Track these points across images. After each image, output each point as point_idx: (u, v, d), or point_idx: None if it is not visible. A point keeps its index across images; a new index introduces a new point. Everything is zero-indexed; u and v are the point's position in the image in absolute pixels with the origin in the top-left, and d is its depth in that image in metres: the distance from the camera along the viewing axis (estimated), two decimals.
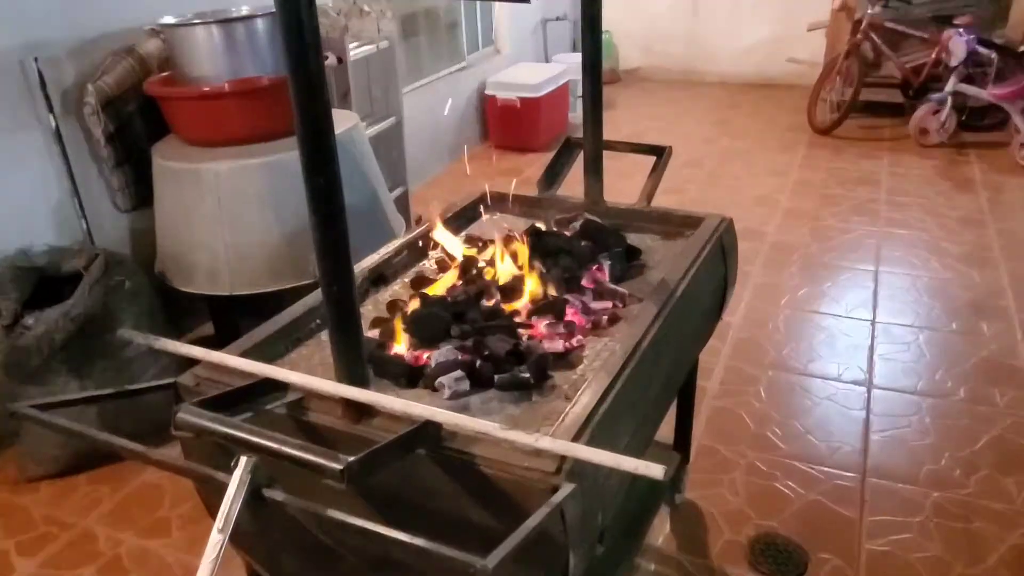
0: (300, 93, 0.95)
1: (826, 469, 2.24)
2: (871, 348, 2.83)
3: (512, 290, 1.47)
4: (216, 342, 2.86)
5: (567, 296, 1.47)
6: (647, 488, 1.93)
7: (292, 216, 2.50)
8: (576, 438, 1.07)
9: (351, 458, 0.89)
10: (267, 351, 1.37)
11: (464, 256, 1.63)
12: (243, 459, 0.90)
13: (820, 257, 3.56)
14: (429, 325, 1.35)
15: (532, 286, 1.48)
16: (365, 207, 2.72)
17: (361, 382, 1.11)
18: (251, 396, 1.14)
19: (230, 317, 2.80)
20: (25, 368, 2.21)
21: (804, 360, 2.77)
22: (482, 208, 1.99)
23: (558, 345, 1.35)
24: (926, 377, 2.65)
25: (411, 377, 1.28)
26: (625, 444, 1.22)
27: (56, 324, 2.22)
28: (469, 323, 1.37)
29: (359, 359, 1.10)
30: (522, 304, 1.45)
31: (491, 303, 1.45)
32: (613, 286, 1.53)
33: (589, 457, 0.94)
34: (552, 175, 1.98)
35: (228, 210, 2.48)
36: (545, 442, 0.97)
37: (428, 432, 1.05)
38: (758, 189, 4.41)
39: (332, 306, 1.06)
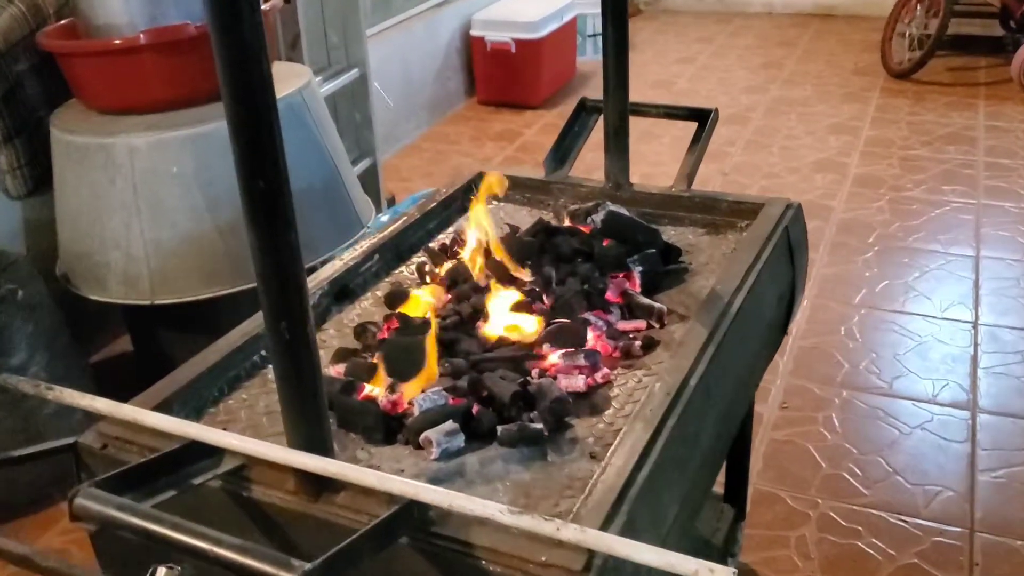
0: (228, 61, 0.87)
1: (922, 522, 2.18)
2: (974, 359, 2.77)
3: (516, 309, 1.39)
4: (136, 361, 2.82)
5: (588, 315, 1.40)
6: (690, 551, 1.88)
7: (229, 203, 2.42)
8: (610, 519, 1.00)
9: (308, 565, 0.82)
10: (196, 396, 1.30)
11: (453, 264, 1.55)
12: (161, 571, 0.83)
13: (903, 240, 3.50)
14: (411, 358, 1.28)
15: (541, 304, 1.41)
16: (322, 188, 2.65)
17: (320, 447, 1.04)
18: (175, 465, 1.07)
19: (152, 330, 2.73)
20: None
21: (888, 376, 2.71)
22: (474, 196, 1.91)
23: (578, 382, 1.28)
24: None
25: (387, 430, 1.21)
26: (673, 518, 1.15)
27: None
28: (462, 355, 1.30)
29: (317, 418, 1.03)
30: (529, 327, 1.38)
31: (490, 327, 1.38)
32: (647, 300, 1.45)
33: (630, 555, 0.87)
34: (563, 150, 1.91)
35: (147, 196, 2.40)
36: (570, 532, 0.90)
37: (412, 516, 0.98)
38: (819, 151, 4.34)
39: (280, 351, 0.98)
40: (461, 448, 1.18)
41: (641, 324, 1.43)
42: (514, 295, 1.44)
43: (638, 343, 1.36)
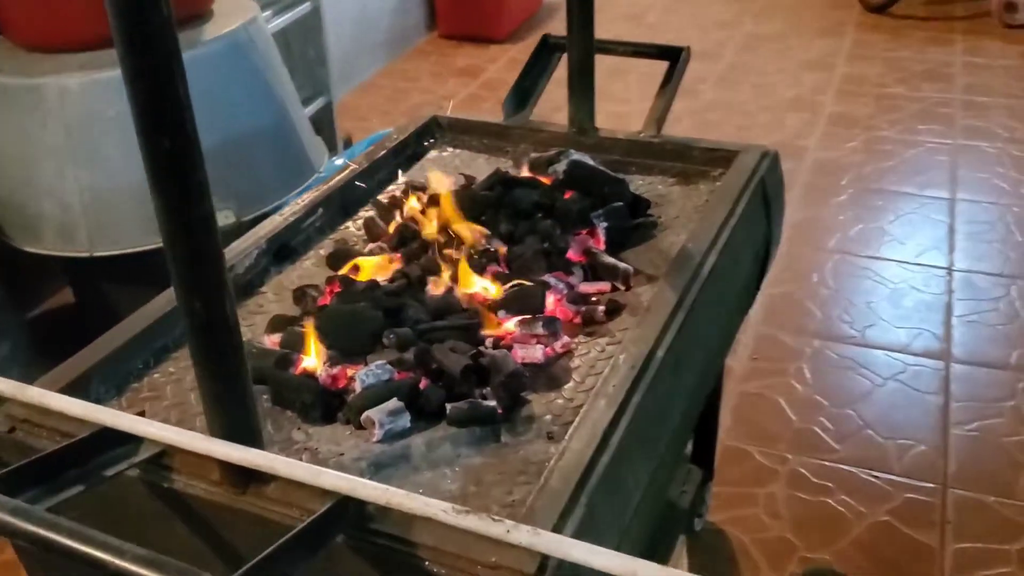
0: None
1: (894, 478, 2.13)
2: (948, 307, 2.71)
3: (468, 271, 1.29)
4: (79, 315, 2.69)
5: (547, 277, 1.30)
6: (657, 510, 1.81)
7: None
8: (567, 512, 0.91)
9: None
10: (118, 371, 1.19)
11: (402, 220, 1.44)
12: None
13: (877, 181, 3.42)
14: (352, 328, 1.17)
15: (496, 265, 1.31)
16: (270, 132, 2.50)
17: (246, 435, 0.94)
18: (87, 454, 0.97)
19: (95, 283, 2.60)
20: None
21: (860, 325, 2.65)
22: (428, 141, 1.79)
23: (536, 353, 1.18)
24: (1022, 346, 2.53)
25: (327, 407, 1.11)
26: (637, 503, 1.06)
27: None
28: (409, 323, 1.20)
29: (241, 405, 0.92)
30: (482, 291, 1.28)
31: (440, 291, 1.28)
32: (611, 259, 1.35)
33: (589, 560, 0.78)
34: (523, 91, 1.79)
35: (81, 141, 2.25)
36: (522, 535, 0.81)
37: (348, 512, 0.89)
38: (793, 88, 4.23)
39: (196, 333, 0.87)
40: (407, 428, 1.08)
41: (605, 286, 1.33)
42: (467, 255, 1.33)
43: (601, 308, 1.27)
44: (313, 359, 1.16)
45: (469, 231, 1.35)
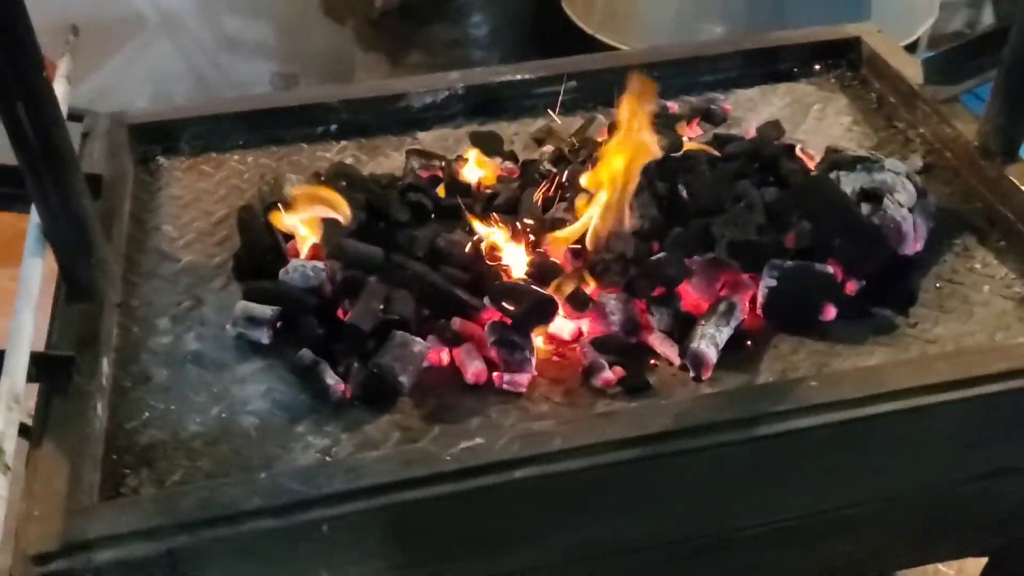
0: None
1: None
2: None
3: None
4: None
5: (608, 296, 0.94)
6: None
7: None
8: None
9: None
10: (209, 133, 1.21)
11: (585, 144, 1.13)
12: None
13: None
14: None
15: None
16: None
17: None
18: None
19: None
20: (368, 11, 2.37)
21: None
22: (823, 64, 1.34)
23: (469, 368, 0.90)
24: None
25: (250, 270, 1.02)
26: None
27: None
28: (395, 248, 0.99)
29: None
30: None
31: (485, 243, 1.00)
32: (711, 330, 0.91)
33: None
34: (961, 61, 1.19)
35: None
36: None
37: None
38: None
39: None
40: (261, 343, 0.94)
41: (675, 354, 0.92)
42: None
43: (611, 373, 0.89)
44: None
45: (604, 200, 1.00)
